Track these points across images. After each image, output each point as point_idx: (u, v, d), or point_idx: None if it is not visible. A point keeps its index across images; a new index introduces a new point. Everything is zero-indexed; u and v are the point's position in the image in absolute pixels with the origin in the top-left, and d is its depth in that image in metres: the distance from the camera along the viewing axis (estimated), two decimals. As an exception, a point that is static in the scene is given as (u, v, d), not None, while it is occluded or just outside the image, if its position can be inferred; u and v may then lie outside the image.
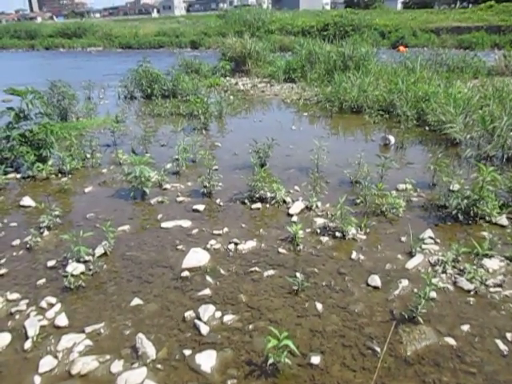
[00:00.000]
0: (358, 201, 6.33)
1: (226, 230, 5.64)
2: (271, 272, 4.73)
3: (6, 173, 7.59)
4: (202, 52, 36.49)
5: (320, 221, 5.83)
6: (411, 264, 4.80)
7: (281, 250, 5.16)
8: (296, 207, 6.19)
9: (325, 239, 5.37)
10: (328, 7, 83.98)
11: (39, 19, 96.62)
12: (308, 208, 6.21)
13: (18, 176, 7.85)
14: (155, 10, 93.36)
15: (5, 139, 8.03)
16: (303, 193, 6.73)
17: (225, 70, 19.52)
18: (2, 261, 5.11)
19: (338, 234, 5.47)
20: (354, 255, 5.01)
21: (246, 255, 5.09)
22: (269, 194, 6.49)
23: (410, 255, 4.98)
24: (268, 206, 6.37)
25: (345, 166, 7.56)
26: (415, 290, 4.26)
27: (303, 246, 5.21)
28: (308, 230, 5.59)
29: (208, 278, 4.64)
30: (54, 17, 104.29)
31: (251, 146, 8.09)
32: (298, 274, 4.45)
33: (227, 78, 19.12)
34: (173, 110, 12.75)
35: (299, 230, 5.26)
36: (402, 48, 28.51)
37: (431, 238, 5.31)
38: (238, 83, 18.03)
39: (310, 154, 7.80)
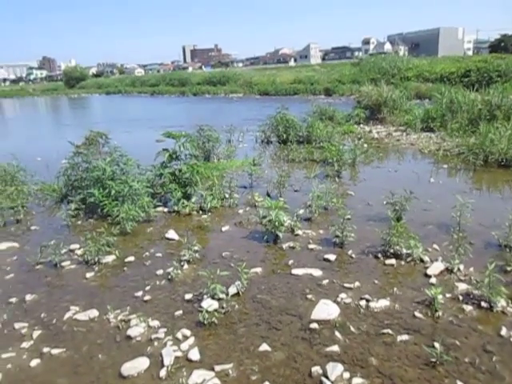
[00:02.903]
0: (509, 268, 5.64)
1: (357, 284, 5.45)
2: (405, 337, 4.39)
3: (155, 206, 8.43)
4: (335, 99, 37.09)
5: (463, 286, 5.31)
6: None
7: (417, 313, 4.79)
8: (435, 268, 5.74)
9: (468, 308, 4.85)
10: (470, 52, 79.73)
11: (190, 69, 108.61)
12: (449, 270, 5.71)
13: (165, 210, 8.66)
14: (292, 59, 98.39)
15: (158, 176, 9.02)
16: (443, 253, 6.23)
17: (359, 117, 19.53)
18: (147, 288, 5.61)
19: (483, 303, 4.90)
20: (503, 331, 4.42)
21: (378, 314, 4.82)
22: (404, 251, 6.14)
23: None
24: (403, 263, 6.01)
25: (491, 227, 6.86)
26: None
27: (443, 313, 4.77)
28: (448, 296, 5.11)
29: (337, 334, 4.48)
30: (203, 66, 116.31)
31: (386, 197, 7.83)
32: (436, 344, 4.06)
33: (361, 125, 19.05)
34: (306, 156, 13.05)
35: (439, 294, 4.84)
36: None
37: None
38: (372, 131, 17.83)
39: (450, 210, 7.26)
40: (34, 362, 4.27)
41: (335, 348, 4.25)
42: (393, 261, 6.03)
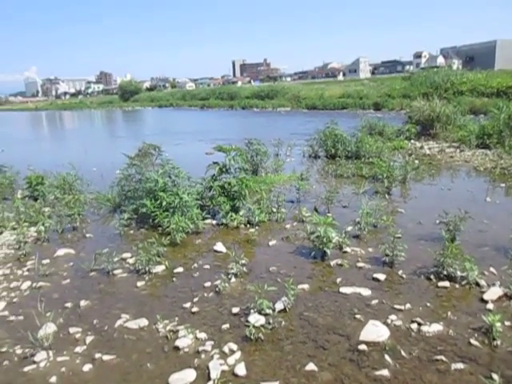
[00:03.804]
0: None
1: (408, 306, 5.27)
2: (460, 365, 4.18)
3: (204, 218, 8.57)
4: (384, 114, 36.42)
5: (524, 314, 5.00)
6: None
7: (473, 341, 4.55)
8: (492, 293, 5.45)
9: (530, 338, 4.56)
10: (532, 66, 75.95)
11: (239, 83, 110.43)
12: (508, 296, 5.40)
13: (214, 222, 8.78)
14: (341, 74, 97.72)
15: (208, 189, 9.20)
16: (501, 277, 5.91)
17: (410, 132, 19.06)
18: (195, 299, 5.69)
19: (547, 334, 4.60)
20: None
21: (431, 339, 4.62)
22: (459, 273, 5.88)
23: None
24: (457, 286, 5.76)
25: (556, 252, 6.44)
26: None
27: (501, 342, 4.50)
28: (508, 324, 4.83)
29: (387, 357, 4.34)
30: (252, 81, 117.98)
31: (439, 216, 7.56)
32: (494, 376, 3.85)
33: (412, 141, 18.57)
34: (355, 172, 12.86)
35: (497, 322, 4.58)
36: None
37: None
38: (423, 147, 17.33)
39: (509, 231, 6.91)
40: (87, 367, 4.41)
41: (385, 372, 4.12)
42: (446, 283, 5.79)
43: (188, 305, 5.54)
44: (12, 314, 5.55)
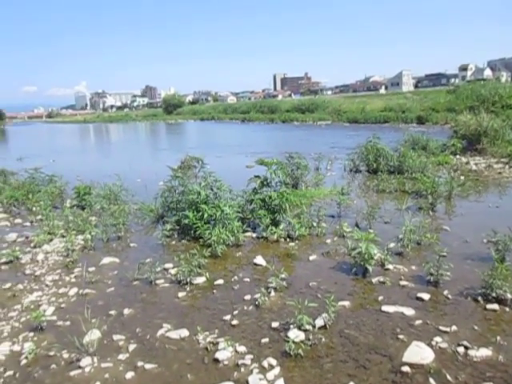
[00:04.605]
0: None
1: (454, 328, 5.07)
2: (512, 393, 3.98)
3: (244, 231, 8.62)
4: (428, 128, 35.58)
5: None
6: None
7: (525, 368, 4.33)
8: (546, 318, 5.17)
9: None
10: None
11: (280, 96, 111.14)
12: (560, 322, 5.11)
13: (254, 235, 8.82)
14: (383, 87, 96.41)
15: (248, 202, 9.27)
16: (556, 301, 5.60)
17: (455, 147, 18.49)
18: (235, 312, 5.71)
19: None
20: None
21: (479, 364, 4.43)
22: (509, 296, 5.62)
23: None
24: (507, 309, 5.50)
25: None
26: None
27: (556, 371, 4.26)
28: None
29: (432, 381, 4.19)
30: (292, 94, 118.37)
31: (487, 235, 7.28)
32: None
33: (457, 156, 18.00)
34: (397, 187, 12.59)
35: (551, 349, 4.34)
36: None
37: None
38: (469, 162, 16.75)
39: None
40: (129, 375, 4.52)
41: (429, 396, 3.98)
42: (495, 306, 5.54)
43: (228, 317, 5.57)
44: (60, 318, 5.77)
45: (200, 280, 6.72)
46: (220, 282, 6.69)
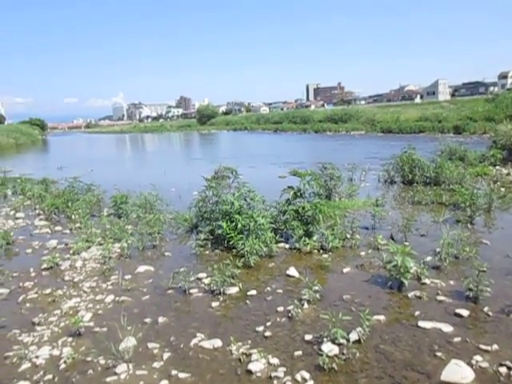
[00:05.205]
0: None
1: (495, 347, 4.88)
2: (558, 418, 3.79)
3: (277, 242, 8.61)
4: (465, 138, 34.62)
5: None
6: None
7: None
8: None
9: None
10: None
11: (313, 107, 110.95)
12: None
13: (287, 246, 8.79)
14: (418, 96, 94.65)
15: (282, 213, 9.28)
16: None
17: (495, 158, 17.90)
18: (268, 323, 5.70)
19: None
20: None
21: (523, 386, 4.24)
22: (555, 314, 5.37)
23: None
24: (553, 328, 5.25)
25: None
26: None
27: None
28: None
29: (472, 401, 4.04)
30: (325, 104, 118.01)
31: (531, 250, 6.98)
32: None
33: (497, 167, 17.41)
34: (434, 199, 12.27)
35: None
36: None
37: None
38: (510, 174, 16.17)
39: None
40: (163, 383, 4.57)
41: (470, 417, 3.84)
42: (540, 325, 5.31)
43: (261, 328, 5.56)
44: (97, 325, 5.92)
45: (233, 290, 6.75)
46: (253, 292, 6.70)
